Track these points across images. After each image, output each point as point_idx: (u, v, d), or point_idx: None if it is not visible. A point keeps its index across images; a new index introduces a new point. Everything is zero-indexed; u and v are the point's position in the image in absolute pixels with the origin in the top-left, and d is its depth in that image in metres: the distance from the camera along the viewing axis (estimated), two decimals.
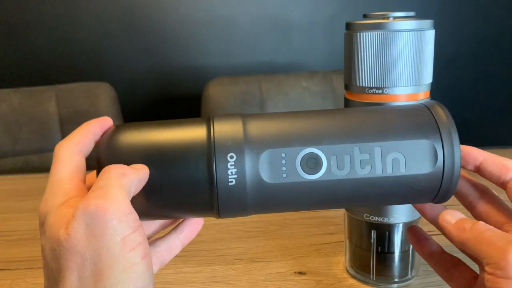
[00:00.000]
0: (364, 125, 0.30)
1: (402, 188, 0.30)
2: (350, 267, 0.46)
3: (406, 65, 0.37)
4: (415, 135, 0.30)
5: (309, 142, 0.29)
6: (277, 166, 0.29)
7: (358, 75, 0.38)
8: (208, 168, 0.29)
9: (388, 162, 0.29)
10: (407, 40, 0.36)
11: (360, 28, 0.38)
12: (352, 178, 0.29)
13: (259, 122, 0.30)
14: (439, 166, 0.30)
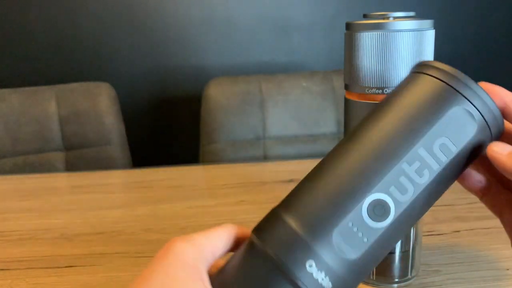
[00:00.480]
0: (392, 137, 0.28)
1: (465, 161, 0.28)
2: None
3: (406, 65, 0.37)
4: (440, 110, 0.28)
5: (361, 193, 0.26)
6: (352, 237, 0.26)
7: (358, 75, 0.38)
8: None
9: (438, 153, 0.27)
10: (407, 40, 0.36)
11: (360, 28, 0.38)
12: (420, 191, 0.27)
13: (299, 208, 0.27)
14: (478, 118, 0.28)
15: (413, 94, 0.29)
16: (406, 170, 0.27)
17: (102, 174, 0.84)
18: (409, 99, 0.29)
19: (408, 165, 0.27)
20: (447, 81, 0.28)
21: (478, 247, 0.50)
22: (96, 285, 0.47)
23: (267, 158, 1.16)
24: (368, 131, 0.29)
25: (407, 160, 0.27)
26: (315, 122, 1.18)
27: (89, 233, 0.58)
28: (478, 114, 0.28)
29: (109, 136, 1.15)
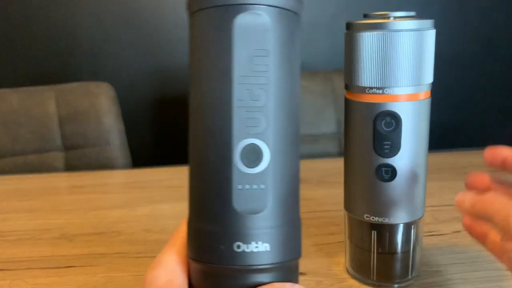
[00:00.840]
0: (211, 92, 0.26)
1: (290, 49, 0.27)
2: (350, 267, 0.46)
3: (406, 65, 0.37)
4: (224, 34, 0.26)
5: (228, 154, 0.25)
6: (251, 195, 0.26)
7: (359, 75, 0.38)
8: None
9: (257, 67, 0.25)
10: (408, 40, 0.36)
11: (360, 28, 0.38)
12: (270, 111, 0.25)
13: (196, 209, 0.27)
14: (262, 10, 0.26)
15: (199, 37, 0.27)
16: (244, 109, 0.25)
17: (102, 174, 0.84)
18: (204, 45, 0.26)
19: (242, 101, 0.25)
20: (204, 6, 0.26)
21: (478, 247, 0.50)
22: (96, 285, 0.47)
23: None
24: (194, 109, 0.27)
25: (236, 94, 0.25)
26: (315, 122, 1.18)
27: (89, 233, 0.58)
28: (258, 8, 0.25)
29: (109, 136, 1.15)
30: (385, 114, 0.38)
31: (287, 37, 0.27)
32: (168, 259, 0.29)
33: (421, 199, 0.42)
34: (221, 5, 0.25)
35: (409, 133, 0.39)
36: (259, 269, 0.25)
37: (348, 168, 0.43)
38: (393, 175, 0.39)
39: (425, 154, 0.41)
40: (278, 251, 0.26)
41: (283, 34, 0.26)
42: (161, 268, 0.28)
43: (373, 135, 0.39)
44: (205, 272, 0.27)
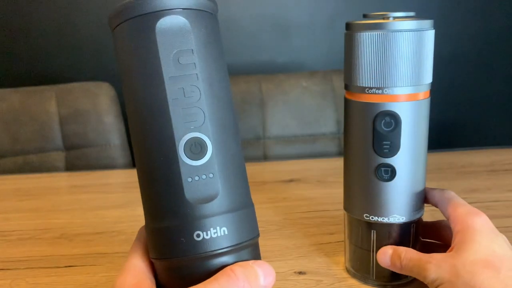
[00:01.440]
0: (144, 97, 0.27)
1: (213, 45, 0.29)
2: (350, 267, 0.46)
3: (406, 65, 0.37)
4: (149, 41, 0.27)
5: (172, 150, 0.27)
6: (202, 185, 0.27)
7: (358, 75, 0.38)
8: None
9: (184, 67, 0.27)
10: (407, 40, 0.36)
11: (360, 28, 0.38)
12: (206, 103, 0.27)
13: (151, 210, 0.29)
14: (179, 13, 0.28)
15: (125, 49, 0.28)
16: (178, 102, 0.26)
17: (102, 174, 0.84)
18: (131, 54, 0.28)
19: (176, 97, 0.26)
20: (126, 18, 0.28)
21: None
22: (96, 285, 0.47)
23: (267, 158, 1.16)
24: (132, 115, 0.28)
25: (170, 94, 0.26)
26: (315, 122, 1.18)
27: (89, 233, 0.58)
28: (175, 11, 0.27)
29: (109, 136, 1.15)
30: (384, 114, 0.38)
31: (207, 35, 0.28)
32: (133, 263, 0.29)
33: (420, 199, 0.42)
34: (141, 14, 0.27)
35: (408, 133, 0.39)
36: (222, 252, 0.27)
37: (348, 168, 0.43)
38: (393, 175, 0.39)
39: (425, 154, 0.41)
40: (236, 233, 0.27)
41: (203, 32, 0.28)
42: (128, 273, 0.29)
43: (373, 135, 0.39)
44: (171, 268, 0.28)
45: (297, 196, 0.67)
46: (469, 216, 0.38)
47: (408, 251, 0.39)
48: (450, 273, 0.35)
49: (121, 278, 0.29)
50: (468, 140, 1.66)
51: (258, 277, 0.27)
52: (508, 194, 0.64)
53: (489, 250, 0.35)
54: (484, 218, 0.38)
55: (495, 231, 0.38)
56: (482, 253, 0.35)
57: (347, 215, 0.44)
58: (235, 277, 0.26)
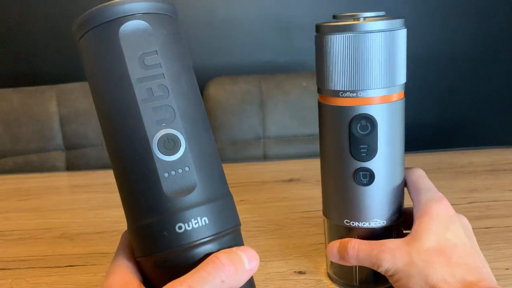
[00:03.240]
0: (115, 101, 0.28)
1: (174, 44, 0.30)
2: (333, 273, 0.45)
3: (379, 66, 0.36)
4: (114, 46, 0.28)
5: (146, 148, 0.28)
6: (179, 178, 0.28)
7: (331, 79, 0.37)
8: None
9: (151, 69, 0.28)
10: (378, 41, 0.35)
11: (329, 31, 0.37)
12: (176, 101, 0.28)
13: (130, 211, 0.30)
14: (130, 18, 0.29)
15: (92, 57, 0.29)
16: (150, 105, 0.28)
17: (103, 174, 0.84)
18: (91, 63, 0.29)
19: (145, 96, 0.28)
20: (90, 27, 0.29)
21: None
22: (97, 284, 0.47)
23: (267, 158, 1.16)
24: (104, 120, 0.29)
25: (141, 97, 0.27)
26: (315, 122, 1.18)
27: (89, 233, 0.59)
28: (136, 16, 0.28)
29: None
30: (360, 118, 0.37)
31: (169, 36, 0.30)
32: (119, 264, 0.30)
33: (400, 201, 0.41)
34: (104, 22, 0.28)
35: (385, 135, 0.38)
36: (205, 241, 0.28)
37: (325, 174, 0.42)
38: (371, 179, 0.38)
39: (402, 155, 0.40)
40: (217, 222, 0.28)
41: (165, 34, 0.29)
42: (115, 274, 0.29)
43: (349, 139, 0.38)
44: (157, 263, 0.28)
45: (297, 196, 0.67)
46: (429, 203, 0.38)
47: (357, 242, 0.39)
48: (405, 262, 0.35)
49: (109, 280, 0.29)
50: (468, 140, 1.66)
51: (243, 261, 0.28)
52: (508, 194, 0.64)
53: (442, 238, 0.36)
54: (443, 205, 0.38)
55: (452, 218, 0.38)
56: (436, 242, 0.36)
57: (326, 221, 0.43)
58: (220, 263, 0.27)
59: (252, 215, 0.61)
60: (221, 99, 1.17)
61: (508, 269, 0.46)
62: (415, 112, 1.58)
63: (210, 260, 0.27)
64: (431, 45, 1.55)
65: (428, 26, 1.54)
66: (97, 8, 0.29)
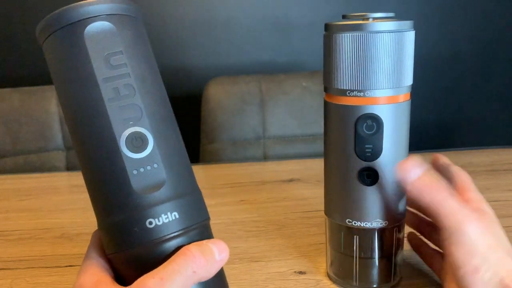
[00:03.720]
0: (81, 101, 0.29)
1: (140, 45, 0.31)
2: (332, 273, 0.45)
3: (387, 66, 0.36)
4: (75, 47, 0.29)
5: (114, 148, 0.28)
6: (147, 175, 0.28)
7: (339, 78, 0.37)
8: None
9: (117, 69, 0.29)
10: (387, 41, 0.35)
11: (338, 30, 0.37)
12: (144, 100, 0.29)
13: (98, 209, 0.30)
14: (98, 20, 0.29)
15: (57, 58, 0.30)
16: (116, 104, 0.28)
17: None
18: (57, 63, 0.30)
19: (111, 95, 0.28)
20: (54, 29, 0.29)
21: None
22: None
23: (267, 158, 1.16)
24: (71, 120, 0.30)
25: (107, 96, 0.28)
26: (315, 122, 1.18)
27: (89, 233, 0.58)
28: (101, 18, 0.29)
29: None
30: (366, 117, 0.37)
31: (133, 36, 0.30)
32: (90, 263, 0.30)
33: (403, 203, 0.41)
34: (70, 23, 0.28)
35: (390, 136, 0.38)
36: (175, 236, 0.28)
37: (329, 173, 0.42)
38: (375, 179, 0.38)
39: (406, 156, 0.40)
40: (187, 217, 0.29)
41: (129, 34, 0.30)
42: (86, 273, 0.30)
43: (355, 139, 0.38)
44: (129, 259, 0.29)
45: (297, 196, 0.67)
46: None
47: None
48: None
49: (80, 279, 0.30)
50: (468, 140, 1.66)
51: (214, 253, 0.29)
52: (507, 194, 0.64)
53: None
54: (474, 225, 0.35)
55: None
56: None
57: (328, 220, 0.43)
58: (191, 255, 0.28)
59: (252, 215, 0.61)
60: (221, 99, 1.17)
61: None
62: (416, 112, 1.58)
63: (181, 253, 0.28)
64: (431, 45, 1.55)
65: (428, 26, 1.54)
66: (61, 10, 0.29)
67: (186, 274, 0.27)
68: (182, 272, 0.27)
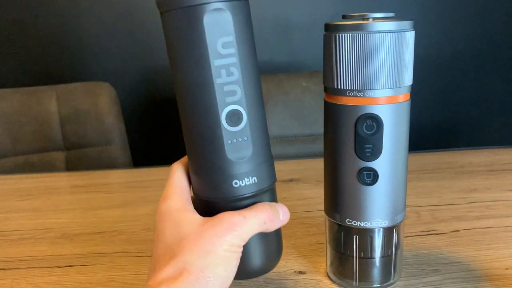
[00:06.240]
0: (191, 74, 0.33)
1: (248, 33, 0.35)
2: (331, 272, 0.45)
3: (387, 66, 0.36)
4: (195, 30, 0.32)
5: (216, 121, 0.34)
6: (239, 145, 0.34)
7: (339, 78, 0.37)
8: None
9: (226, 51, 0.33)
10: (387, 41, 0.36)
11: (339, 30, 0.37)
12: (242, 81, 0.34)
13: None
14: (224, 6, 0.32)
15: (176, 35, 0.33)
16: (222, 82, 0.33)
17: (103, 174, 0.84)
18: (175, 40, 0.34)
19: (220, 78, 0.33)
20: (179, 6, 0.32)
21: (477, 247, 0.50)
22: (97, 284, 0.47)
23: None
24: (181, 92, 0.34)
25: (215, 75, 0.33)
26: (315, 121, 1.18)
27: (89, 233, 0.59)
28: (219, 4, 0.32)
29: (110, 136, 1.15)
30: (366, 117, 0.37)
31: (244, 21, 0.34)
32: (175, 191, 0.37)
33: (402, 202, 0.41)
34: (192, 5, 0.32)
35: (390, 136, 0.38)
36: (253, 195, 0.35)
37: (329, 173, 0.42)
38: (375, 179, 0.39)
39: (405, 156, 0.40)
40: (263, 180, 0.36)
41: (242, 20, 0.34)
42: (172, 199, 0.36)
43: (355, 139, 0.38)
44: (212, 204, 0.36)
45: (297, 196, 0.67)
46: None
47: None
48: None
49: (167, 202, 0.36)
50: (468, 140, 1.66)
51: (279, 213, 0.36)
52: (507, 194, 0.64)
53: None
54: None
55: None
56: None
57: (328, 220, 0.43)
58: (265, 209, 0.35)
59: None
60: None
61: (508, 269, 0.46)
62: (415, 112, 1.58)
63: (259, 205, 0.35)
64: (431, 45, 1.55)
65: (428, 26, 1.54)
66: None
67: (260, 221, 0.34)
68: (259, 217, 0.34)
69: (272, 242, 0.38)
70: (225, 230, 0.33)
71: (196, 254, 0.32)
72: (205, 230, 0.33)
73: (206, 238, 0.33)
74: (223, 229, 0.33)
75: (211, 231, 0.33)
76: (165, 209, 0.36)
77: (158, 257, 0.34)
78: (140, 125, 1.56)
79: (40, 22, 1.45)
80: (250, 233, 0.34)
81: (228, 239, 0.33)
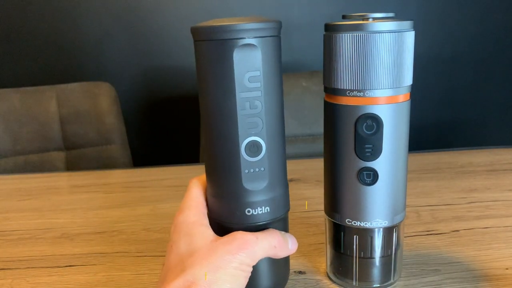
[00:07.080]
0: (218, 105, 0.35)
1: (275, 68, 0.35)
2: (331, 272, 0.45)
3: (387, 66, 0.36)
4: (225, 61, 0.33)
5: (235, 152, 0.35)
6: (256, 176, 0.36)
7: (339, 78, 0.37)
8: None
9: (252, 85, 0.34)
10: (387, 41, 0.36)
11: (339, 30, 0.37)
12: (265, 115, 0.35)
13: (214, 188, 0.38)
14: (255, 42, 0.33)
15: (203, 63, 0.35)
16: (245, 114, 0.34)
17: (103, 174, 0.84)
18: (204, 68, 0.35)
19: (244, 110, 0.34)
20: (211, 38, 0.33)
21: (477, 247, 0.50)
22: (97, 284, 0.47)
23: None
24: (206, 119, 0.36)
25: (239, 107, 0.34)
26: (315, 121, 1.18)
27: (89, 233, 0.59)
28: (250, 40, 0.33)
29: (110, 136, 1.15)
30: (366, 117, 0.37)
31: (273, 57, 0.35)
32: (193, 205, 0.38)
33: (402, 202, 0.41)
34: (224, 39, 0.33)
35: (390, 136, 0.38)
36: (263, 224, 0.37)
37: (328, 173, 0.42)
38: (375, 179, 0.39)
39: (405, 156, 0.40)
40: (275, 210, 0.37)
41: (270, 55, 0.34)
42: (190, 212, 0.37)
43: (354, 139, 0.38)
44: (225, 227, 0.37)
45: (297, 196, 0.67)
46: None
47: None
48: None
49: (184, 214, 0.37)
50: (468, 140, 1.66)
51: (288, 243, 0.38)
52: (507, 194, 0.64)
53: None
54: None
55: None
56: None
57: (328, 220, 0.43)
58: (276, 235, 0.37)
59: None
60: None
61: (508, 269, 0.46)
62: (416, 112, 1.59)
63: (271, 230, 0.37)
64: (431, 45, 1.55)
65: (428, 26, 1.54)
66: (222, 25, 0.33)
67: (270, 245, 0.36)
68: (270, 241, 0.36)
69: (279, 269, 0.39)
70: (237, 248, 0.34)
71: (206, 269, 0.33)
72: (217, 246, 0.34)
73: (218, 254, 0.33)
74: (235, 247, 0.34)
75: (223, 248, 0.34)
76: (182, 221, 0.37)
77: (169, 267, 0.35)
78: (140, 125, 1.56)
79: (40, 22, 1.45)
80: (261, 254, 0.35)
81: (239, 257, 0.33)
